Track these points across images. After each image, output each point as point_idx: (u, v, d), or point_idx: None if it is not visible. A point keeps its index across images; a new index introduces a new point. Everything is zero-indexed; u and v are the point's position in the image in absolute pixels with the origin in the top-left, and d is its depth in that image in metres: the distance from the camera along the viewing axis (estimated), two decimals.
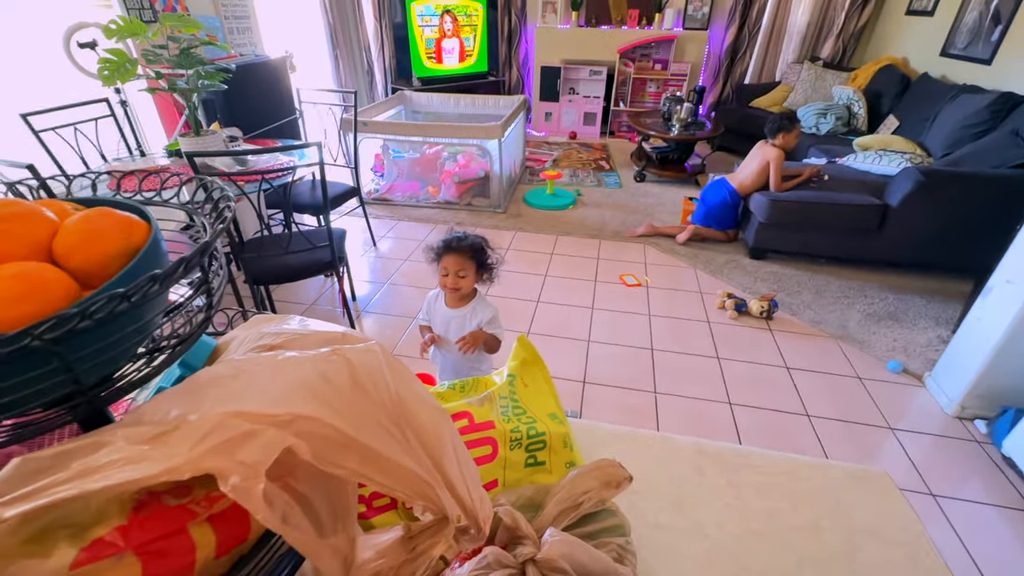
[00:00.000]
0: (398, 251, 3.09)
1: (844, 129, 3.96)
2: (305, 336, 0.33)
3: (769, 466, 0.66)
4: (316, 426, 0.26)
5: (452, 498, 0.31)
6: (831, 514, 0.60)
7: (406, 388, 0.32)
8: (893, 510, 0.61)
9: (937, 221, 2.55)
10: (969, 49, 3.44)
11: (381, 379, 0.30)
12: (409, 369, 0.34)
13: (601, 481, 0.52)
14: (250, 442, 0.24)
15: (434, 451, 0.31)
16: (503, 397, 0.59)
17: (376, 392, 0.30)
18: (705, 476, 0.64)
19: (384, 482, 0.28)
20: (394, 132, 3.56)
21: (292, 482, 0.27)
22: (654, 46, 5.08)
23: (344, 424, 0.27)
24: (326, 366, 0.29)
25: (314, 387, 0.27)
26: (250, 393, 0.26)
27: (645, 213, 3.57)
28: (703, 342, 2.29)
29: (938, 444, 1.79)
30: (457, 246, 1.35)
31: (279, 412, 0.25)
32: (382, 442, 0.28)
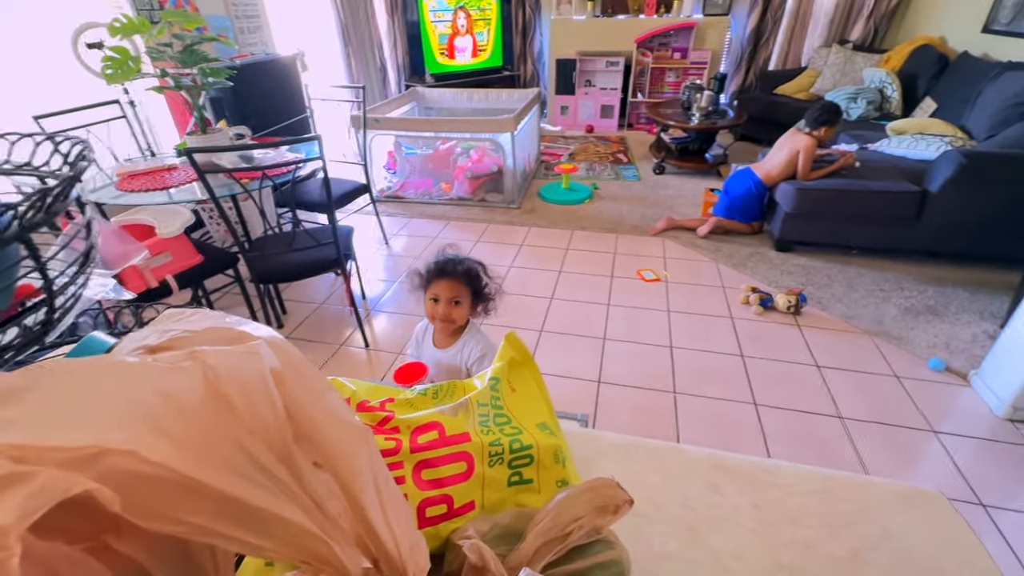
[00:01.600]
0: (411, 248, 3.04)
1: (876, 114, 3.75)
2: (195, 335, 0.26)
3: (800, 484, 0.56)
4: (133, 463, 0.18)
5: (371, 545, 0.24)
6: (877, 544, 0.50)
7: (309, 401, 0.24)
8: (951, 538, 0.50)
9: (982, 207, 2.37)
10: (1015, 24, 3.21)
11: (261, 392, 0.23)
12: (320, 375, 0.26)
13: (595, 505, 0.43)
14: (7, 490, 0.16)
15: (347, 484, 0.24)
16: (482, 404, 0.51)
17: (251, 410, 0.22)
18: (724, 496, 0.55)
19: (250, 541, 0.20)
20: (405, 128, 3.52)
21: (116, 543, 0.20)
22: (673, 34, 4.92)
23: (183, 460, 0.19)
24: (170, 377, 0.21)
25: (143, 406, 0.20)
26: (37, 416, 0.19)
27: (665, 206, 3.44)
28: (726, 339, 2.17)
29: (987, 449, 1.64)
30: (452, 270, 1.17)
31: (77, 444, 0.18)
32: (248, 483, 0.20)
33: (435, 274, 1.19)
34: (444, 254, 1.22)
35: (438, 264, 1.20)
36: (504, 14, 5.01)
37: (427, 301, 1.20)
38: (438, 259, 1.21)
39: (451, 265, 1.19)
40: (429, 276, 1.19)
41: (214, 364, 0.22)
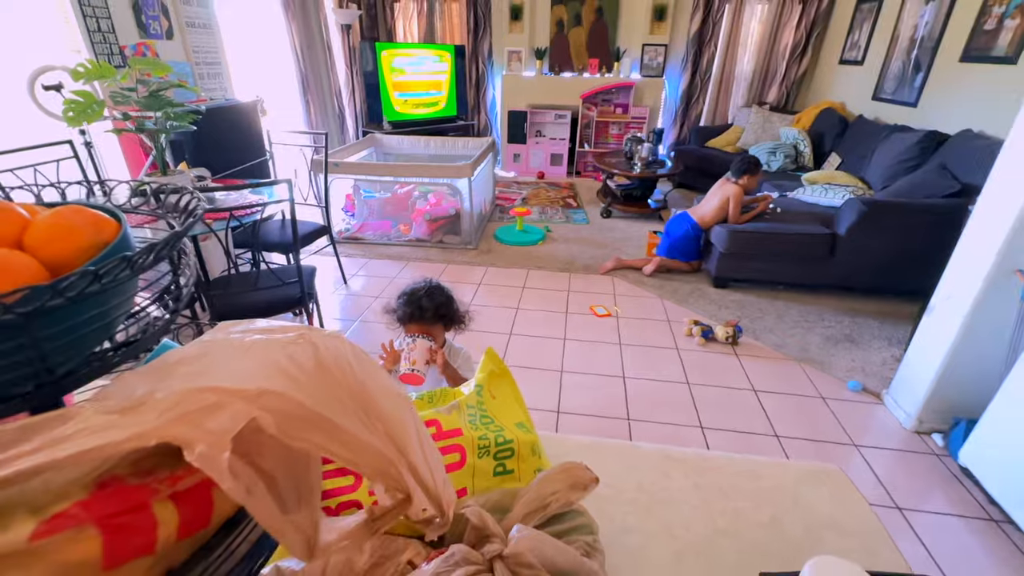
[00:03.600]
0: (370, 288, 3.08)
1: (792, 166, 4.24)
2: (272, 329, 0.34)
3: (731, 467, 0.68)
4: (281, 401, 0.27)
5: (415, 480, 0.32)
6: (791, 510, 0.62)
7: (370, 376, 0.33)
8: (848, 503, 0.63)
9: (881, 247, 2.72)
10: (897, 93, 3.78)
11: (346, 364, 0.32)
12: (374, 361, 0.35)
13: (568, 483, 0.53)
14: (217, 413, 0.25)
15: (397, 435, 0.32)
16: (471, 406, 0.60)
17: (341, 375, 0.31)
18: (672, 479, 0.66)
19: (348, 456, 0.29)
20: (365, 172, 3.62)
21: (257, 460, 0.27)
22: (614, 92, 5.39)
23: (309, 400, 0.28)
24: (292, 347, 0.30)
25: (280, 365, 0.28)
26: (216, 370, 0.27)
27: (612, 247, 3.68)
28: (673, 368, 2.33)
29: (900, 458, 1.85)
30: (420, 315, 1.27)
31: (246, 387, 0.26)
32: (346, 419, 0.29)
33: (407, 318, 1.28)
34: (414, 290, 1.30)
35: (406, 312, 1.29)
36: (458, 68, 5.32)
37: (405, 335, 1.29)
38: (407, 302, 1.29)
39: (420, 311, 1.28)
40: (402, 319, 1.29)
41: (316, 341, 0.31)
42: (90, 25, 2.58)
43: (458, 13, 5.45)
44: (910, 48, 3.65)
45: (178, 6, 3.01)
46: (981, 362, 1.77)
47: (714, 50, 5.17)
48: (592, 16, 5.32)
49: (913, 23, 3.64)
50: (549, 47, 5.46)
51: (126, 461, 0.26)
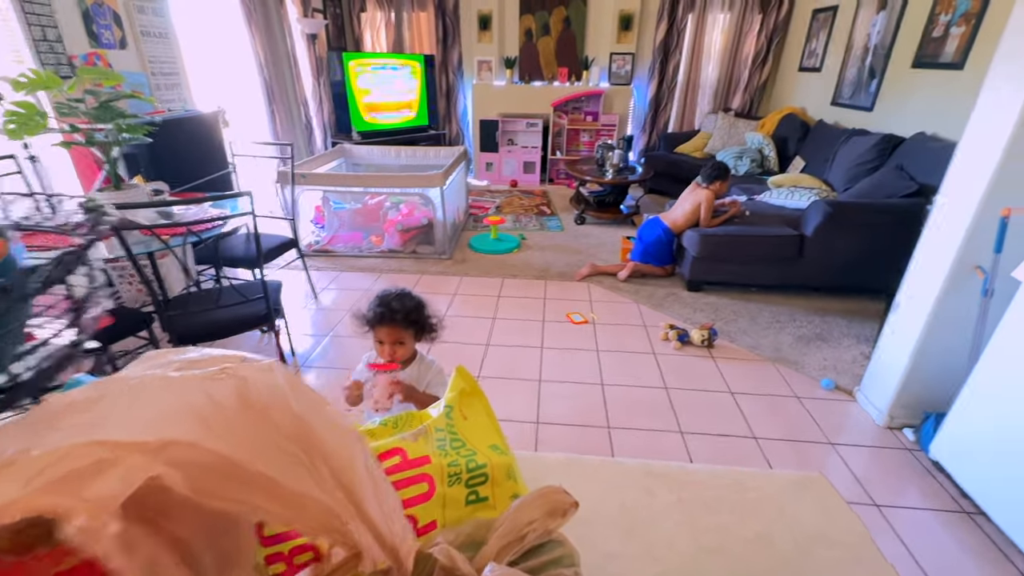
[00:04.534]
0: (341, 302, 2.99)
1: (759, 170, 4.34)
2: (195, 362, 0.30)
3: (715, 480, 0.65)
4: (194, 453, 0.22)
5: (367, 531, 0.28)
6: (778, 522, 0.60)
7: (312, 410, 0.29)
8: (834, 512, 0.61)
9: (847, 247, 2.79)
10: (854, 99, 3.92)
11: (281, 400, 0.27)
12: (317, 392, 0.31)
13: (546, 510, 0.49)
14: (104, 473, 0.20)
15: (345, 478, 0.28)
16: (440, 430, 0.56)
17: (274, 413, 0.26)
18: (655, 497, 0.63)
19: (282, 514, 0.24)
20: (334, 183, 3.54)
21: (166, 524, 0.23)
22: (584, 100, 5.44)
23: (229, 449, 0.23)
24: (212, 385, 0.25)
25: (193, 408, 0.24)
26: (111, 419, 0.22)
27: (587, 253, 3.68)
28: (651, 374, 2.33)
29: (875, 455, 1.87)
30: (391, 318, 1.22)
31: (145, 439, 0.22)
32: (279, 468, 0.25)
33: (376, 321, 1.22)
34: (383, 296, 1.25)
35: (378, 313, 1.23)
36: (428, 77, 5.29)
37: (374, 341, 1.23)
38: (378, 305, 1.24)
39: (390, 313, 1.22)
40: (371, 323, 1.23)
41: (244, 376, 0.26)
42: (35, 34, 2.45)
43: (426, 23, 5.44)
44: (864, 55, 3.79)
45: (132, 15, 2.89)
46: (947, 357, 1.81)
47: (679, 58, 5.29)
48: (560, 26, 5.38)
49: (866, 31, 3.78)
50: (518, 56, 5.49)
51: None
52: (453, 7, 5.25)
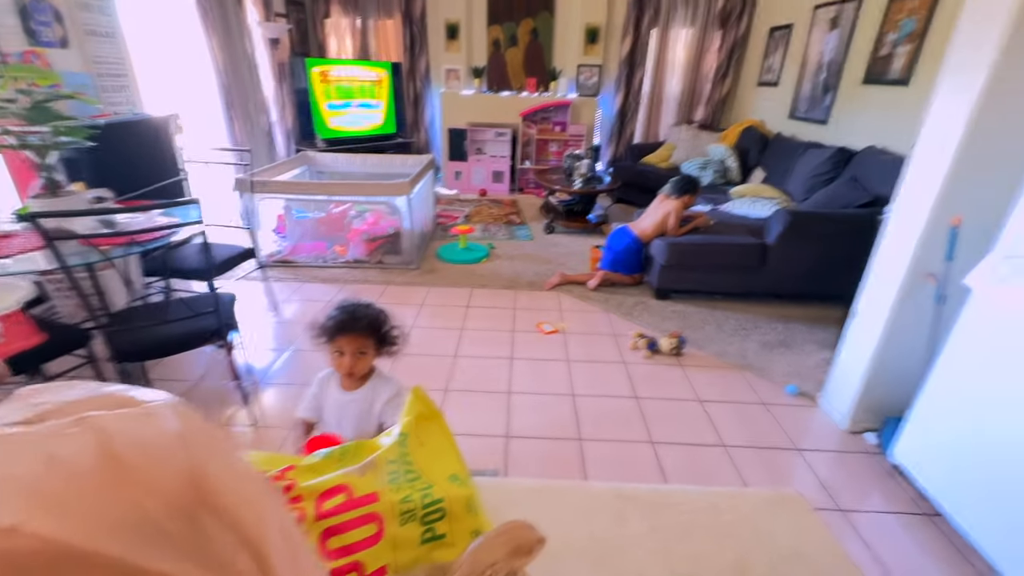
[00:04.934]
0: (304, 314, 2.87)
1: (722, 180, 4.45)
2: (75, 404, 0.24)
3: (689, 503, 0.62)
4: (14, 539, 0.17)
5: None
6: (755, 546, 0.57)
7: (215, 462, 0.23)
8: (810, 531, 0.59)
9: (807, 255, 2.87)
10: (809, 113, 4.07)
11: (164, 453, 0.22)
12: (226, 433, 0.26)
13: (509, 548, 0.44)
14: None
15: (253, 539, 0.23)
16: (392, 461, 0.51)
17: (151, 471, 0.21)
18: (627, 523, 0.59)
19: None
20: (296, 191, 3.43)
21: None
22: (553, 110, 5.47)
23: (74, 530, 0.18)
24: (57, 443, 0.20)
25: (24, 478, 0.18)
26: None
27: (556, 262, 3.67)
28: (621, 383, 2.31)
29: (839, 460, 1.90)
30: (353, 326, 1.15)
31: None
32: (147, 547, 0.19)
33: (337, 330, 1.15)
34: (344, 305, 1.19)
35: (339, 320, 1.17)
36: (396, 85, 5.23)
37: (332, 353, 1.16)
38: (339, 313, 1.18)
39: (352, 320, 1.16)
40: (331, 332, 1.16)
41: (106, 427, 0.21)
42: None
43: (393, 30, 5.38)
44: (818, 71, 3.95)
45: (74, 12, 2.73)
46: (904, 362, 1.86)
47: (644, 71, 5.39)
48: (528, 37, 5.41)
49: (819, 49, 3.94)
50: (487, 66, 5.49)
51: None
52: (420, 16, 5.21)
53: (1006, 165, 1.49)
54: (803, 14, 4.18)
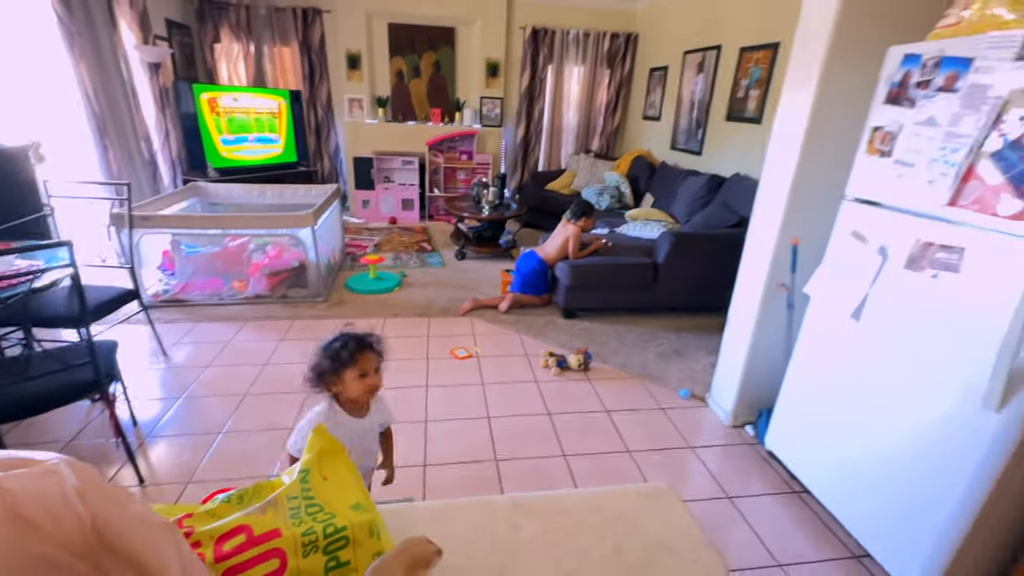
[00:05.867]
0: (198, 357, 2.66)
1: (617, 205, 4.83)
2: None
3: (579, 505, 0.71)
4: None
5: None
6: (629, 536, 0.66)
7: (112, 510, 0.26)
8: (677, 520, 0.69)
9: (691, 271, 3.21)
10: (687, 144, 4.59)
11: (64, 507, 0.24)
12: (119, 487, 0.28)
13: (408, 563, 0.49)
14: None
15: (151, 572, 0.26)
16: (293, 498, 0.53)
17: (56, 525, 0.24)
18: (521, 530, 0.66)
19: None
20: (186, 225, 3.20)
21: None
22: (459, 139, 5.63)
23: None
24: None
25: None
26: None
27: (469, 288, 3.75)
28: (534, 401, 2.41)
29: (725, 452, 2.14)
30: (370, 342, 1.20)
31: None
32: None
33: (357, 351, 1.17)
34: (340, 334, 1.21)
35: (354, 343, 1.18)
36: (295, 113, 5.08)
37: (350, 381, 1.16)
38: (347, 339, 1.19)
39: (365, 340, 1.20)
40: (351, 356, 1.16)
41: (9, 488, 0.23)
42: None
43: (290, 58, 5.25)
44: (691, 108, 4.48)
45: None
46: (769, 361, 2.16)
47: (543, 104, 5.75)
48: (430, 69, 5.55)
49: (691, 89, 4.48)
50: (391, 96, 5.53)
51: None
52: (319, 45, 5.15)
53: (826, 195, 1.82)
54: (676, 57, 4.74)
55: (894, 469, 1.48)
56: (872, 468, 1.55)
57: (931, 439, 1.37)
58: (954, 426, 1.30)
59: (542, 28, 5.40)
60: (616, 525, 0.67)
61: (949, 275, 1.32)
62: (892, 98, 1.49)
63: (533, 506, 0.70)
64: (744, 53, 3.72)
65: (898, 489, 1.47)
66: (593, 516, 0.69)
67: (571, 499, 0.72)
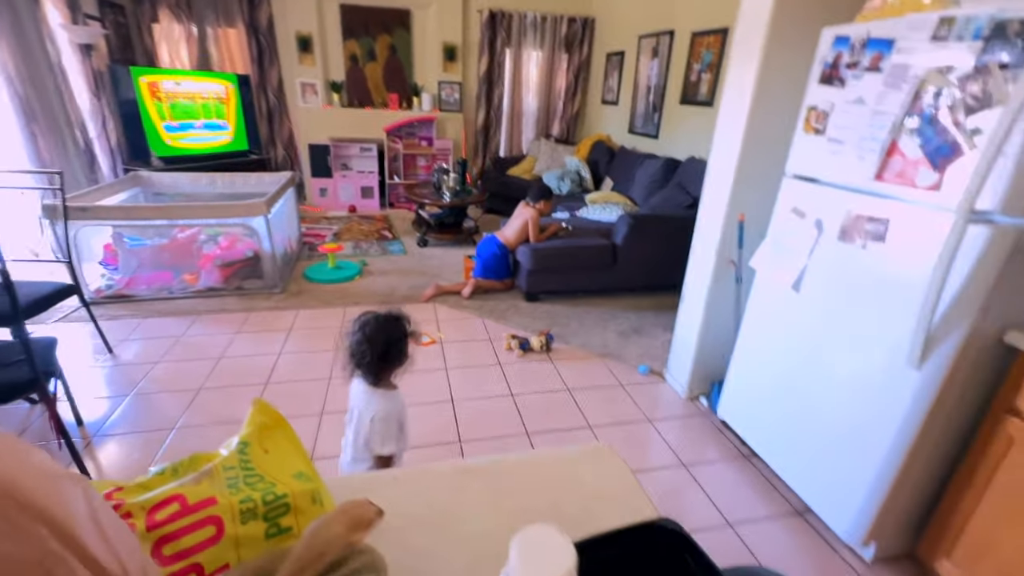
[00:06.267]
0: (147, 353, 2.56)
1: (578, 189, 4.88)
2: None
3: (520, 467, 0.73)
4: None
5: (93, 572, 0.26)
6: (569, 491, 0.69)
7: (22, 467, 0.26)
8: (613, 473, 0.73)
9: (649, 252, 3.29)
10: (644, 128, 4.67)
11: None
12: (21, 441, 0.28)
13: (347, 525, 0.50)
14: None
15: (61, 525, 0.26)
16: (230, 468, 0.53)
17: None
18: (465, 492, 0.68)
19: None
20: (128, 217, 3.05)
21: None
22: (417, 125, 5.54)
23: None
24: None
25: None
26: None
27: (431, 274, 3.73)
28: (497, 384, 2.44)
29: (682, 423, 2.23)
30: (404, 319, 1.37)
31: None
32: None
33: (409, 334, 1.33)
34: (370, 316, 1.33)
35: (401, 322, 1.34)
36: (244, 99, 4.88)
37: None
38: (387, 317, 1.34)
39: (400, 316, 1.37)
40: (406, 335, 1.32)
41: None
42: None
43: (237, 40, 5.02)
44: (648, 93, 4.55)
45: None
46: (720, 334, 2.25)
47: (503, 89, 5.71)
48: (386, 52, 5.42)
49: (647, 73, 4.55)
50: (345, 81, 5.37)
51: None
52: (267, 26, 4.94)
53: (769, 173, 1.90)
54: (631, 42, 4.79)
55: (831, 428, 1.58)
56: (812, 428, 1.66)
57: (863, 398, 1.47)
58: (883, 384, 1.40)
59: (499, 11, 5.35)
60: (556, 482, 0.70)
61: (877, 245, 1.41)
62: (825, 78, 1.56)
63: (477, 469, 0.72)
64: (696, 37, 3.80)
65: (834, 446, 1.57)
66: (534, 476, 0.72)
67: (514, 462, 0.74)
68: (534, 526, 0.35)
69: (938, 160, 1.23)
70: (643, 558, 0.50)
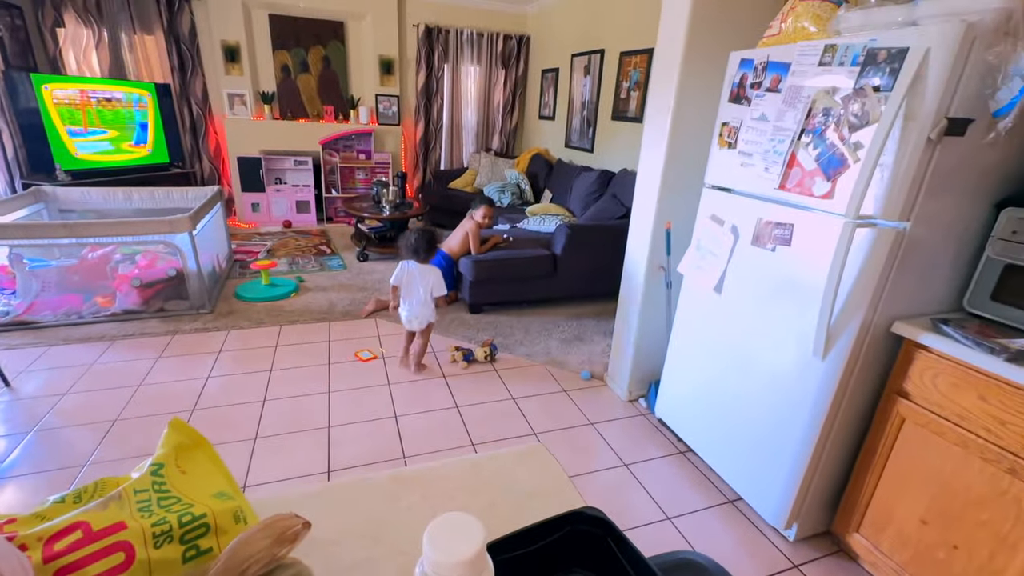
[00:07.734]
0: (53, 385, 2.33)
1: (519, 201, 4.97)
2: None
3: (457, 470, 0.74)
4: None
5: None
6: (504, 491, 0.71)
7: None
8: (546, 471, 0.75)
9: (587, 261, 3.40)
10: (579, 142, 4.84)
11: None
12: None
13: (271, 538, 0.49)
14: None
15: None
16: (141, 491, 0.51)
17: None
18: (400, 500, 0.68)
19: None
20: (28, 236, 2.78)
21: None
22: (355, 138, 5.44)
23: None
24: None
25: None
26: None
27: (372, 289, 3.65)
28: (442, 396, 2.42)
29: (623, 425, 2.31)
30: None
31: None
32: None
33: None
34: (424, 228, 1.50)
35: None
36: (164, 109, 4.60)
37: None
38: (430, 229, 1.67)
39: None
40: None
41: None
42: None
43: (155, 48, 4.74)
44: (582, 108, 4.74)
45: None
46: (655, 338, 2.36)
47: (442, 103, 5.74)
48: (320, 64, 5.30)
49: (580, 90, 4.74)
50: (276, 92, 5.20)
51: None
52: (189, 34, 4.71)
53: (690, 183, 2.04)
54: (565, 60, 4.98)
55: (756, 420, 1.70)
56: (740, 422, 1.77)
57: (781, 390, 1.59)
58: (796, 376, 1.53)
59: (435, 26, 5.39)
60: (492, 483, 0.72)
61: (784, 248, 1.55)
62: (734, 97, 1.71)
63: (412, 477, 0.72)
64: (624, 57, 4.01)
65: (759, 437, 1.69)
66: (470, 479, 0.73)
67: (450, 467, 0.75)
68: (443, 515, 0.36)
69: (830, 171, 1.38)
70: (568, 547, 0.53)
